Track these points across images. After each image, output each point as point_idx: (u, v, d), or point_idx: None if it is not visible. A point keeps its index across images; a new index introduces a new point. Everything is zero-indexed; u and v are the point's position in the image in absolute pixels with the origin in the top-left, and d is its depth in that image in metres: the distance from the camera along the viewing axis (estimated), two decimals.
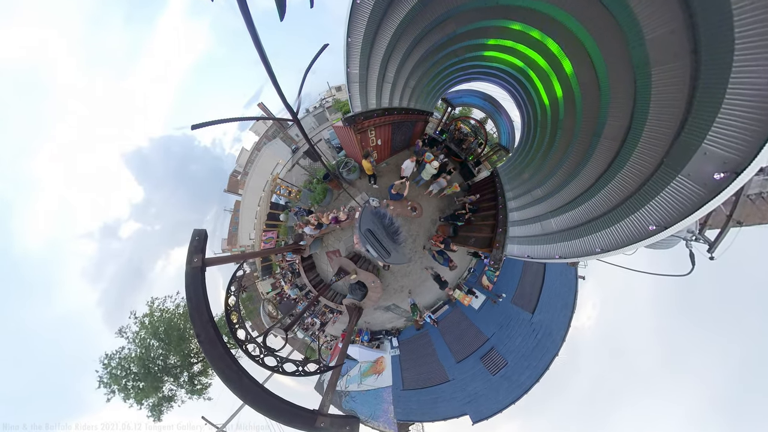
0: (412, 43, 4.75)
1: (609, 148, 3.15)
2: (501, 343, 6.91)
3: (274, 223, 9.92)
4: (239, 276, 3.15)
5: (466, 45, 5.23)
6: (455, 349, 7.34)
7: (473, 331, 7.38)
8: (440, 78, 6.86)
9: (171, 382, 9.77)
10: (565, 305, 6.81)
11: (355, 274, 6.49)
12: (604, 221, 2.82)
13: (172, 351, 9.66)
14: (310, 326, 10.47)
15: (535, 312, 6.90)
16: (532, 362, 6.46)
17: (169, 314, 10.12)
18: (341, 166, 7.65)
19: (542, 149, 5.29)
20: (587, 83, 3.56)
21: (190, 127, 1.49)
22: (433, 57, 5.46)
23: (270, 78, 1.27)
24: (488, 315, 7.46)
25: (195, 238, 2.64)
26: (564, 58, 3.84)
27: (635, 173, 2.61)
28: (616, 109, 3.06)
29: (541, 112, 5.41)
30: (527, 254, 4.02)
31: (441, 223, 8.05)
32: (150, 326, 9.55)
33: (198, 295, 2.42)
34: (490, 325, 7.24)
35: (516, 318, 7.06)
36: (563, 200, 3.89)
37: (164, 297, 10.44)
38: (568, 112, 4.26)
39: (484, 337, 7.13)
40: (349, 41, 4.27)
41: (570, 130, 4.21)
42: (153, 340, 9.53)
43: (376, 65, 4.93)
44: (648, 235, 2.16)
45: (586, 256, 2.87)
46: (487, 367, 6.72)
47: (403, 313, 8.74)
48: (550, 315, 6.83)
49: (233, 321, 2.73)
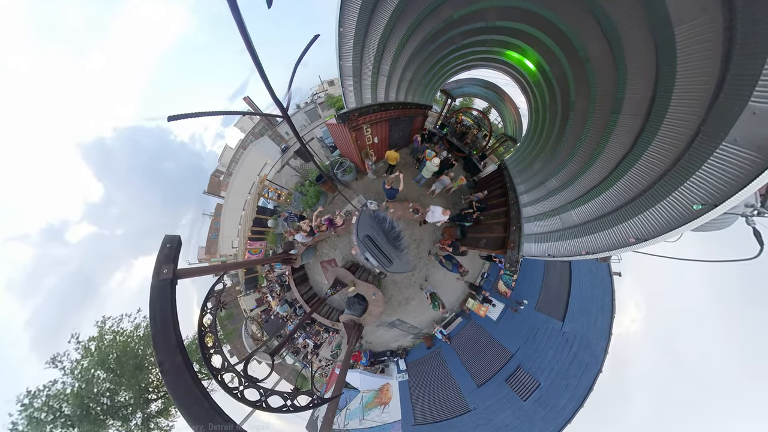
0: (407, 32, 4.81)
1: (631, 125, 3.04)
2: (529, 359, 6.24)
3: (261, 230, 9.56)
4: (218, 290, 2.94)
5: (463, 31, 5.29)
6: (474, 370, 6.75)
7: (494, 347, 6.82)
8: (438, 68, 6.95)
9: (118, 426, 8.14)
10: (602, 309, 6.32)
11: (353, 286, 6.23)
12: (636, 206, 2.65)
13: (125, 385, 8.21)
14: (301, 349, 9.87)
15: (566, 319, 6.40)
16: (571, 381, 5.76)
17: (125, 337, 8.83)
18: (335, 166, 7.58)
19: (553, 135, 5.23)
20: (599, 56, 3.51)
21: (167, 119, 1.40)
22: (429, 46, 5.53)
23: (257, 69, 1.23)
24: (510, 326, 6.94)
25: (166, 245, 2.46)
26: (570, 32, 3.82)
27: (666, 149, 2.47)
28: (636, 81, 2.98)
29: (550, 95, 5.39)
30: (548, 253, 3.88)
31: (447, 224, 7.86)
32: (97, 353, 8.13)
33: (165, 313, 2.20)
34: (513, 339, 6.66)
35: (543, 328, 6.47)
36: (583, 188, 3.76)
37: (120, 316, 9.19)
38: (581, 92, 4.21)
39: (507, 354, 6.51)
40: (341, 31, 4.32)
41: (583, 111, 4.15)
42: (99, 371, 8.05)
43: (370, 57, 4.97)
44: (693, 217, 1.98)
45: (618, 249, 2.69)
46: (516, 391, 5.97)
47: (409, 329, 8.35)
48: (585, 322, 6.31)
49: (208, 345, 2.49)
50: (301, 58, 1.70)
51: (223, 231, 14.34)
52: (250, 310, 11.62)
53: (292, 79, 1.73)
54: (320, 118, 15.86)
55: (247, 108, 18.80)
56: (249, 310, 11.78)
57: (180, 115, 1.39)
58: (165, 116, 1.33)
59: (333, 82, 18.85)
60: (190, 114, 1.40)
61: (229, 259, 13.81)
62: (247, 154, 15.19)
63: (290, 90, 1.66)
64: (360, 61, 5.00)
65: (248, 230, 9.62)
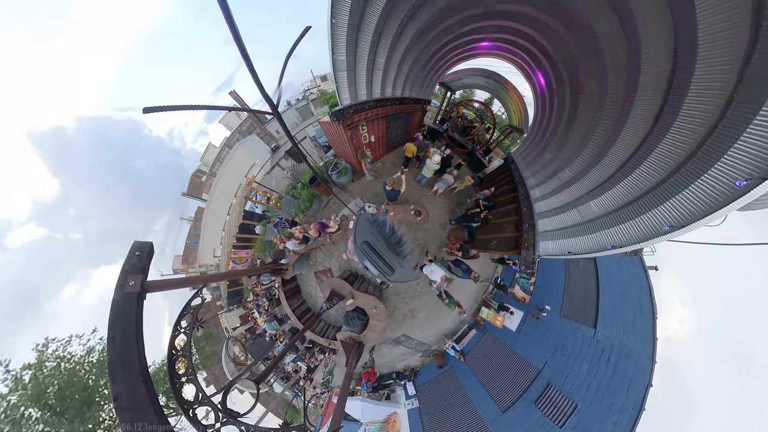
0: (402, 22, 4.87)
1: (651, 102, 2.98)
2: (560, 375, 5.63)
3: (247, 237, 9.19)
4: (195, 306, 2.76)
5: (460, 19, 5.37)
6: (496, 392, 6.13)
7: (517, 363, 6.25)
8: (436, 59, 7.02)
9: None
10: (640, 310, 5.88)
11: (351, 298, 6.01)
12: (667, 190, 2.52)
13: (65, 427, 6.84)
14: (292, 374, 9.24)
15: (598, 325, 5.91)
16: (615, 400, 5.14)
17: (72, 364, 7.57)
18: (330, 167, 7.53)
19: (563, 121, 5.19)
20: (608, 32, 3.50)
21: (142, 111, 1.33)
22: (426, 36, 5.60)
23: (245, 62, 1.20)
24: (532, 337, 6.49)
25: (135, 253, 2.30)
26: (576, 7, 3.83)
27: (695, 123, 2.37)
28: (652, 53, 2.93)
29: (556, 79, 5.40)
30: (568, 250, 3.74)
31: (452, 226, 7.76)
32: (32, 385, 6.85)
33: (128, 333, 2.01)
34: (538, 352, 6.13)
35: (573, 337, 5.97)
36: (602, 176, 3.67)
37: (69, 338, 7.93)
38: (590, 73, 4.19)
39: (533, 370, 5.93)
40: (334, 23, 4.34)
41: (595, 92, 4.12)
42: (32, 409, 6.75)
43: (364, 50, 5.01)
44: (738, 195, 1.85)
45: (651, 240, 2.53)
46: (549, 416, 5.31)
47: (417, 346, 8.00)
48: (622, 327, 5.84)
49: (179, 372, 2.29)
50: (292, 51, 1.69)
51: (203, 238, 13.58)
52: (233, 329, 10.95)
53: (282, 74, 1.72)
54: (313, 115, 15.94)
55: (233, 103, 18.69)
56: (231, 329, 11.10)
57: (157, 108, 1.32)
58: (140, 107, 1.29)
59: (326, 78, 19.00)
60: (169, 107, 1.33)
61: (209, 270, 13.11)
62: (233, 153, 14.92)
63: (281, 85, 1.64)
64: (354, 54, 5.04)
65: (233, 237, 9.14)
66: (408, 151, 7.41)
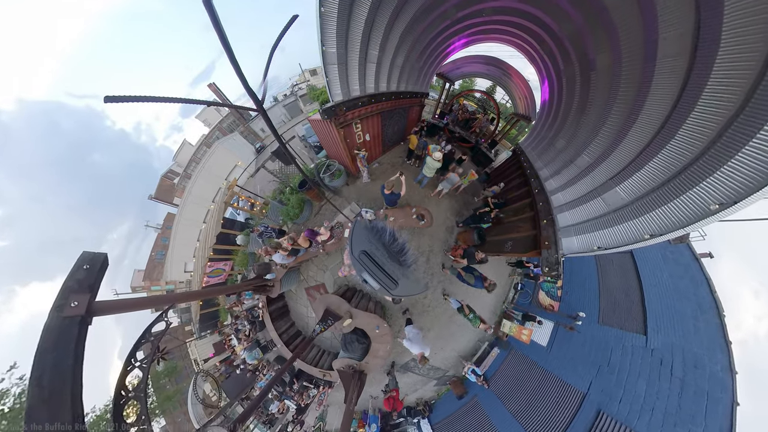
0: (395, 9, 4.94)
1: (675, 68, 2.87)
2: (611, 399, 4.97)
3: (226, 248, 8.68)
4: (157, 333, 2.54)
5: (456, 2, 5.46)
6: (532, 425, 5.48)
7: (554, 386, 5.64)
8: (432, 48, 7.12)
9: None
10: (700, 307, 5.28)
11: (349, 318, 5.71)
12: (710, 161, 2.34)
13: None
14: (277, 416, 8.21)
15: (649, 330, 5.32)
16: (693, 427, 4.42)
17: None
18: (322, 170, 7.46)
19: (575, 103, 5.13)
20: (618, 2, 3.46)
21: (103, 99, 1.22)
22: (420, 24, 5.68)
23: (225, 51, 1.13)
24: (569, 352, 5.89)
25: (83, 266, 2.08)
26: None
27: (733, 81, 2.23)
28: (670, 16, 2.85)
29: (563, 59, 5.38)
30: (596, 245, 3.58)
31: (460, 229, 7.57)
32: None
33: (61, 370, 1.74)
34: (578, 370, 5.55)
35: (619, 348, 5.42)
36: (627, 157, 3.54)
37: None
38: (601, 47, 4.14)
39: (576, 394, 5.30)
40: (323, 11, 4.38)
41: (608, 67, 4.06)
42: None
43: (356, 41, 5.06)
44: None
45: (696, 222, 2.32)
46: None
47: (430, 372, 7.54)
48: (681, 330, 5.25)
49: (127, 421, 2.00)
50: (279, 41, 1.65)
51: (173, 249, 12.55)
52: (204, 361, 9.88)
53: (268, 66, 1.67)
54: (302, 113, 15.94)
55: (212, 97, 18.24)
56: (202, 361, 10.01)
57: (122, 97, 1.21)
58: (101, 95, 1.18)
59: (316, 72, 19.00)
60: (136, 97, 1.23)
61: (178, 288, 12.28)
62: (212, 153, 14.23)
63: (266, 79, 1.59)
64: (345, 46, 5.08)
65: (210, 249, 8.48)
66: (411, 143, 7.47)
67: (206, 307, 10.01)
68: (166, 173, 19.54)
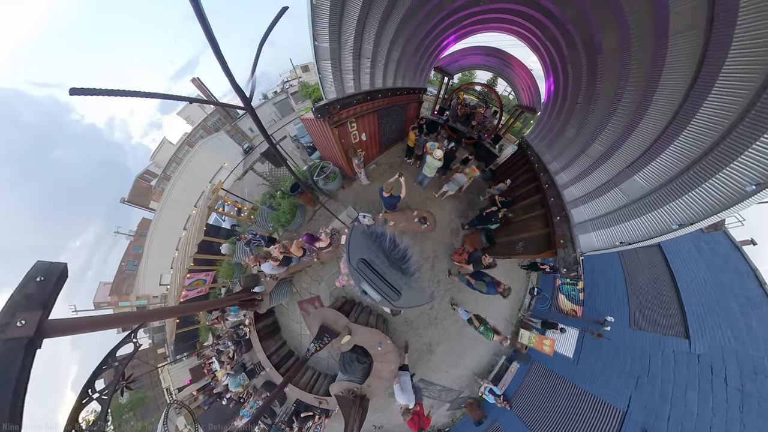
0: (390, 2, 4.96)
1: (689, 43, 2.79)
2: (658, 415, 4.58)
3: (209, 258, 8.33)
4: (122, 358, 2.37)
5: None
6: None
7: (586, 403, 5.31)
8: (429, 41, 7.17)
9: None
10: (750, 303, 4.81)
11: (348, 334, 5.48)
12: (740, 138, 2.21)
13: None
14: None
15: (691, 333, 4.91)
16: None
17: None
18: (315, 172, 7.39)
19: (583, 89, 5.07)
20: None
21: (69, 92, 1.15)
22: (416, 16, 5.72)
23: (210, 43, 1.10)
24: (599, 363, 5.54)
25: (35, 278, 1.93)
26: None
27: (755, 54, 2.12)
28: None
29: (567, 45, 5.36)
30: (618, 240, 3.48)
31: (466, 231, 7.41)
32: None
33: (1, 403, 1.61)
34: (614, 384, 5.21)
35: (658, 356, 5.08)
36: (644, 143, 3.45)
37: None
38: (606, 27, 4.09)
39: (615, 412, 4.96)
40: (314, 4, 4.40)
41: (615, 49, 4.00)
42: None
43: (349, 35, 5.07)
44: None
45: (732, 207, 2.18)
46: None
47: (441, 394, 7.19)
48: (729, 329, 4.84)
49: None
50: (267, 35, 1.61)
51: (147, 259, 11.52)
52: (178, 390, 9.02)
53: (256, 61, 1.62)
54: (294, 111, 15.80)
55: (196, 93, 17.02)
56: (176, 390, 9.13)
57: (91, 90, 1.13)
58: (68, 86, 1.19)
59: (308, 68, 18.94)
60: (106, 90, 1.16)
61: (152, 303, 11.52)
62: (194, 153, 13.67)
63: (254, 74, 1.57)
64: (338, 40, 5.09)
65: (190, 258, 7.98)
66: (410, 140, 7.54)
67: (184, 325, 9.40)
68: (143, 174, 18.52)
